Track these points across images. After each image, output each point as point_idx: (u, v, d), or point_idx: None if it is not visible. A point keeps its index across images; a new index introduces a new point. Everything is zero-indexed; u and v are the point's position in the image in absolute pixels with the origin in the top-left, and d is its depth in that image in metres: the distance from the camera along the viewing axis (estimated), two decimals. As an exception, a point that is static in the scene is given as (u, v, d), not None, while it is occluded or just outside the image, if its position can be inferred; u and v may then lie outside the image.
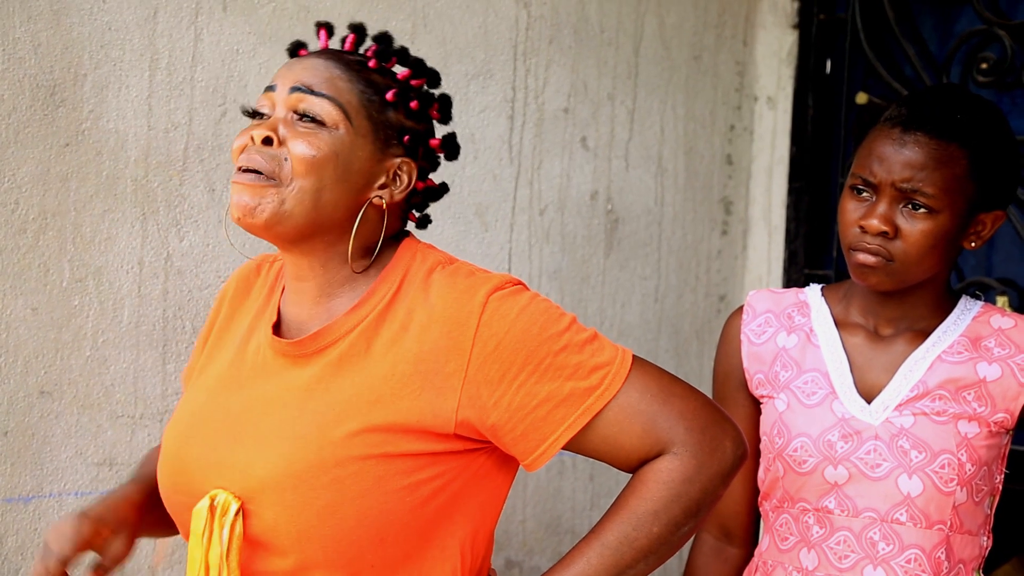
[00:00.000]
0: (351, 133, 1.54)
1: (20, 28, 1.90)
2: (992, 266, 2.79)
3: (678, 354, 2.86)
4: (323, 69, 1.55)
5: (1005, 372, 1.84)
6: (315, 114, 1.53)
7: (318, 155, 1.52)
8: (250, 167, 1.52)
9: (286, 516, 1.48)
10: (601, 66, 2.67)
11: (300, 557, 1.49)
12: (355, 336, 1.54)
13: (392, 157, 1.57)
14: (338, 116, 1.53)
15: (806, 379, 1.90)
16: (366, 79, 1.57)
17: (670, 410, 1.52)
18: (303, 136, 1.53)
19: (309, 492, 1.47)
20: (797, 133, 2.93)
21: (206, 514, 1.50)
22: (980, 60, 2.71)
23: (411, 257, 1.58)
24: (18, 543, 1.94)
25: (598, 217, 2.69)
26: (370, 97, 1.56)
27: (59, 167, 1.96)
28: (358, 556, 1.49)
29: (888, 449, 1.83)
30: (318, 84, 1.54)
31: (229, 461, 1.52)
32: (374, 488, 1.47)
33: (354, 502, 1.47)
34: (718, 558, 2.02)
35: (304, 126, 1.53)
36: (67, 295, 1.97)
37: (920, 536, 1.82)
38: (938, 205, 1.80)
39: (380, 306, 1.55)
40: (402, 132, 1.58)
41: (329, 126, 1.53)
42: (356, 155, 1.54)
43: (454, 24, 2.41)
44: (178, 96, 2.08)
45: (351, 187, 1.55)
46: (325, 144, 1.53)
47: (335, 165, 1.53)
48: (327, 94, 1.54)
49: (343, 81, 1.55)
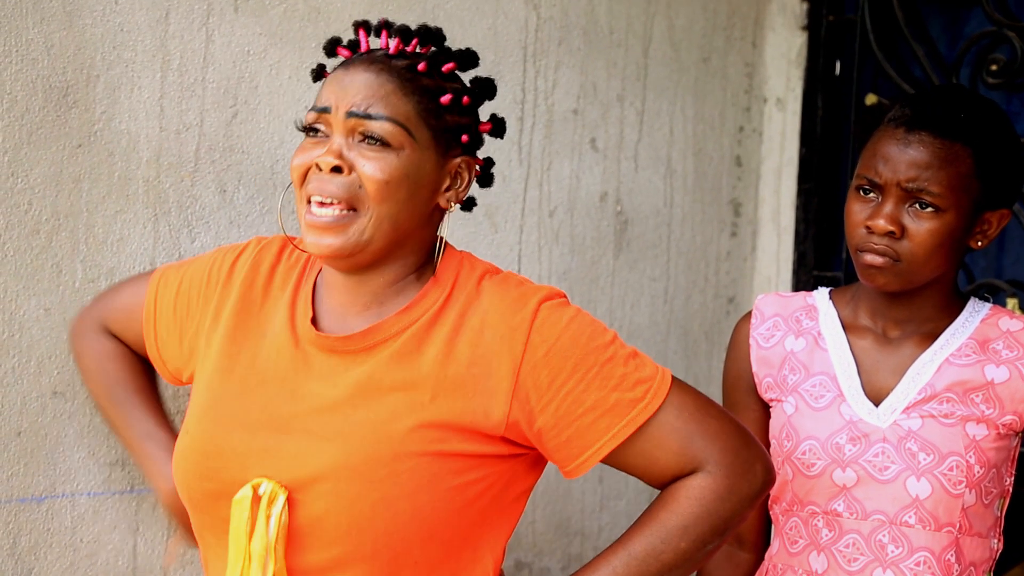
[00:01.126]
0: (416, 149, 1.54)
1: (33, 29, 1.91)
2: (1002, 268, 2.79)
3: (687, 355, 2.86)
4: (376, 87, 1.54)
5: (1013, 374, 1.84)
6: (379, 136, 1.53)
7: (390, 179, 1.52)
8: (325, 197, 1.52)
9: (339, 507, 1.49)
10: (610, 68, 2.67)
11: (346, 549, 1.50)
12: (407, 336, 1.56)
13: (453, 158, 1.59)
14: (402, 136, 1.53)
15: (814, 382, 1.91)
16: (420, 88, 1.56)
17: (706, 430, 1.55)
18: (372, 160, 1.52)
19: (366, 484, 1.49)
20: (806, 134, 2.93)
21: (249, 503, 1.50)
22: (990, 62, 2.71)
23: (458, 264, 1.61)
24: (31, 543, 1.95)
25: (607, 218, 2.69)
26: (426, 106, 1.55)
27: (72, 168, 1.97)
28: (404, 552, 1.51)
29: (896, 451, 1.83)
30: (375, 106, 1.53)
31: (276, 451, 1.53)
32: (428, 485, 1.50)
33: (409, 497, 1.49)
34: (729, 563, 2.02)
35: (371, 149, 1.53)
36: (80, 295, 1.98)
37: (929, 538, 1.82)
38: (944, 204, 1.80)
39: (433, 309, 1.57)
40: (460, 131, 1.59)
41: (395, 147, 1.53)
42: (424, 169, 1.55)
43: (464, 26, 2.42)
44: (190, 97, 2.08)
45: (422, 201, 1.57)
46: (395, 167, 1.53)
47: (408, 185, 1.54)
48: (387, 116, 1.53)
49: (398, 96, 1.54)
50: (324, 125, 1.56)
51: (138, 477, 2.04)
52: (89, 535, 2.01)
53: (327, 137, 1.55)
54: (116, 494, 2.03)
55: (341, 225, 1.52)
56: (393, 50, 1.58)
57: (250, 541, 1.50)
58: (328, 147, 1.54)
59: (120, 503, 2.04)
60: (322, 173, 1.53)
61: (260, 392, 1.58)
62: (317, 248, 1.53)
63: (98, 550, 2.02)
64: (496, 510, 1.57)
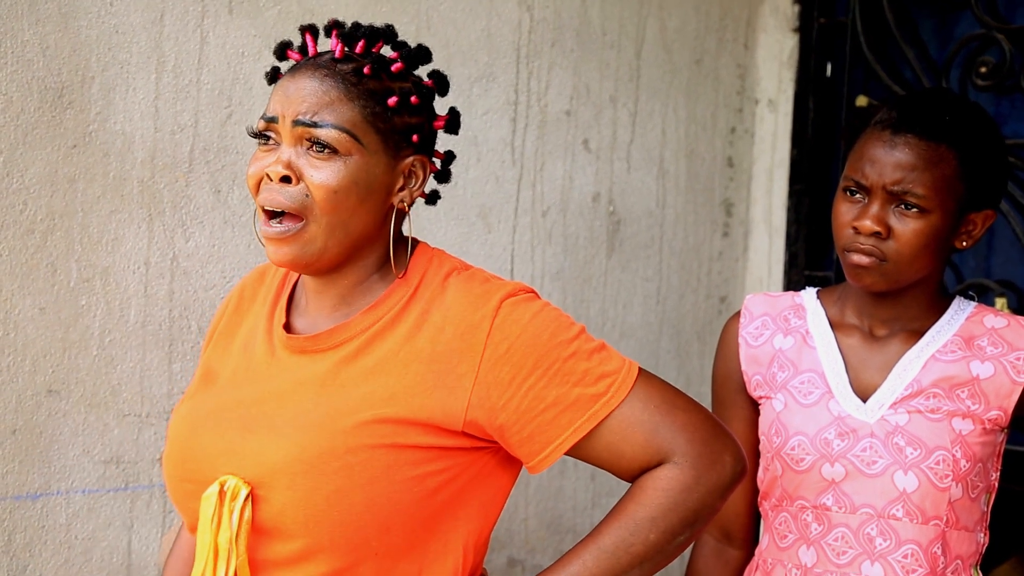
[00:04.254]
0: (364, 154, 1.54)
1: (28, 31, 1.92)
2: (991, 268, 2.81)
3: (679, 355, 2.88)
4: (321, 94, 1.53)
5: (998, 370, 1.86)
6: (326, 143, 1.53)
7: (339, 188, 1.53)
8: (275, 208, 1.53)
9: (296, 501, 1.50)
10: (603, 69, 2.68)
11: (307, 542, 1.51)
12: (371, 334, 1.57)
13: (404, 158, 1.58)
14: (349, 143, 1.53)
15: (802, 379, 1.92)
16: (366, 91, 1.55)
17: (672, 421, 1.55)
18: (320, 169, 1.53)
19: (319, 477, 1.50)
20: (798, 136, 2.95)
21: (215, 499, 1.52)
22: (979, 64, 2.72)
23: (427, 262, 1.61)
24: (26, 540, 1.96)
25: (600, 219, 2.70)
26: (373, 110, 1.54)
27: (67, 168, 1.98)
28: (363, 542, 1.52)
29: (884, 446, 1.85)
30: (320, 114, 1.52)
31: (241, 449, 1.55)
32: (382, 476, 1.50)
33: (363, 488, 1.50)
34: (719, 559, 2.03)
35: (318, 157, 1.53)
36: (74, 295, 1.99)
37: (916, 532, 1.84)
38: (929, 205, 1.82)
39: (397, 307, 1.58)
40: (410, 132, 1.58)
41: (342, 154, 1.53)
42: (373, 173, 1.55)
43: (457, 27, 2.43)
44: (184, 98, 2.10)
45: (375, 204, 1.57)
46: (343, 175, 1.53)
47: (357, 191, 1.54)
48: (332, 123, 1.52)
49: (343, 103, 1.53)
50: (274, 133, 1.56)
51: (133, 475, 2.06)
52: (84, 532, 2.02)
53: (277, 145, 1.56)
54: (111, 491, 2.04)
55: (292, 237, 1.53)
56: (339, 54, 1.57)
57: (216, 536, 1.52)
58: (277, 156, 1.54)
59: (115, 500, 2.05)
60: (272, 183, 1.54)
61: (233, 395, 1.61)
62: (275, 258, 1.55)
63: (93, 547, 2.03)
64: (463, 503, 1.57)
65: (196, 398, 1.65)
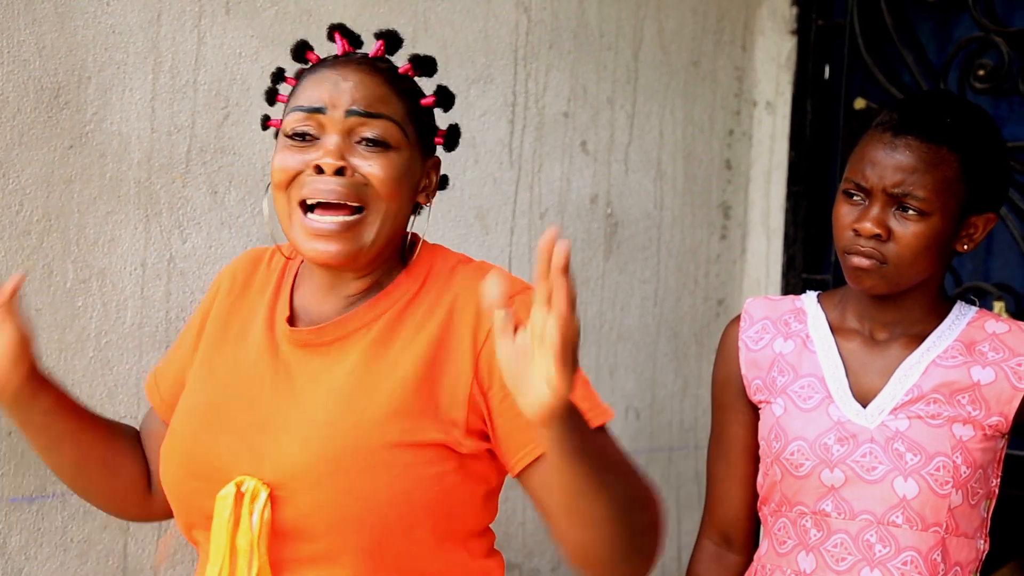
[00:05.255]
0: (409, 148, 1.57)
1: (25, 31, 1.92)
2: (989, 271, 2.80)
3: (677, 357, 2.87)
4: (372, 86, 1.55)
5: (999, 376, 1.86)
6: (381, 137, 1.54)
7: (396, 177, 1.55)
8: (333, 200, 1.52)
9: (322, 502, 1.50)
10: (601, 71, 2.68)
11: (332, 542, 1.51)
12: (380, 326, 1.57)
13: (428, 158, 1.63)
14: (400, 136, 1.56)
15: (802, 384, 1.92)
16: (406, 89, 1.59)
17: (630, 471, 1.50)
18: (375, 159, 1.54)
19: (345, 478, 1.49)
20: (796, 138, 2.95)
21: (232, 500, 1.51)
22: (977, 67, 2.72)
23: (433, 255, 1.63)
24: (21, 542, 1.95)
25: (598, 221, 2.70)
26: (412, 108, 1.59)
27: (63, 169, 1.97)
28: (388, 543, 1.52)
29: (883, 452, 1.84)
30: (374, 105, 1.54)
31: (258, 449, 1.54)
32: (404, 474, 1.50)
33: (388, 487, 1.50)
34: (719, 564, 2.03)
35: (370, 150, 1.54)
36: (71, 296, 1.99)
37: (916, 538, 1.83)
38: (929, 208, 1.82)
39: (406, 297, 1.59)
40: (435, 133, 1.64)
41: (395, 146, 1.55)
42: (413, 167, 1.59)
43: (455, 28, 2.43)
44: (181, 99, 2.09)
45: (412, 199, 1.60)
46: (398, 165, 1.55)
47: (407, 184, 1.57)
48: (386, 115, 1.55)
49: (392, 97, 1.57)
50: (314, 126, 1.55)
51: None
52: (80, 535, 2.01)
53: (315, 139, 1.55)
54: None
55: (348, 231, 1.53)
56: (377, 53, 1.61)
57: (234, 537, 1.51)
58: (324, 148, 1.53)
59: (110, 503, 2.04)
60: (322, 176, 1.53)
61: (241, 391, 1.60)
62: (317, 254, 1.53)
63: (88, 550, 2.02)
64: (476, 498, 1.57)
65: (201, 392, 1.64)
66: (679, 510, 2.88)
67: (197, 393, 1.64)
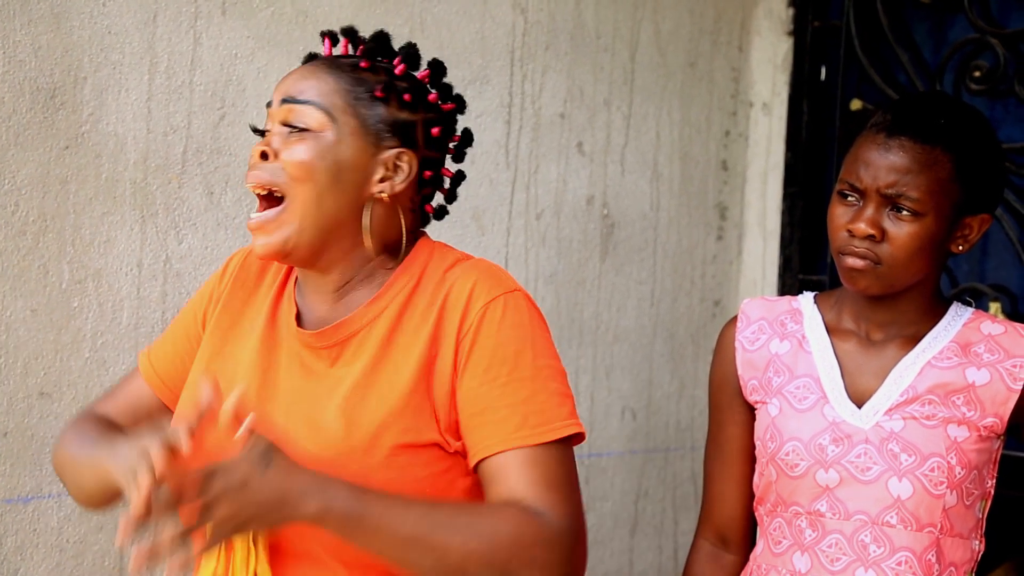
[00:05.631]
0: (338, 133, 1.57)
1: (21, 31, 1.92)
2: (985, 272, 2.81)
3: (673, 358, 2.87)
4: (310, 75, 1.59)
5: (994, 377, 1.86)
6: (302, 123, 1.57)
7: (307, 160, 1.55)
8: (253, 183, 1.57)
9: None
10: (597, 72, 2.68)
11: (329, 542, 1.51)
12: (379, 328, 1.57)
13: (387, 150, 1.60)
14: (323, 119, 1.57)
15: (798, 384, 1.92)
16: (354, 78, 1.59)
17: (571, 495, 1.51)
18: (294, 144, 1.56)
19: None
20: (792, 139, 2.95)
21: None
22: (973, 68, 2.73)
23: (429, 253, 1.63)
24: (17, 543, 1.95)
25: (594, 222, 2.70)
26: (357, 95, 1.58)
27: (59, 170, 1.97)
28: None
29: (878, 452, 1.84)
30: (303, 92, 1.58)
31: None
32: (400, 477, 1.51)
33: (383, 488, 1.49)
34: (715, 564, 2.03)
35: (294, 135, 1.57)
36: (66, 297, 1.99)
37: (910, 538, 1.84)
38: (923, 208, 1.82)
39: (400, 297, 1.59)
40: (395, 124, 1.60)
41: (316, 131, 1.57)
42: (345, 154, 1.57)
43: (451, 30, 2.43)
44: (177, 100, 2.09)
45: (348, 186, 1.58)
46: (313, 149, 1.56)
47: (326, 167, 1.56)
48: (310, 100, 1.57)
49: (328, 84, 1.58)
50: (269, 124, 1.61)
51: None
52: (75, 536, 2.01)
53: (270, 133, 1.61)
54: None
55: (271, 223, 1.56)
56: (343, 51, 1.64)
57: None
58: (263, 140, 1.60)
59: (106, 504, 2.04)
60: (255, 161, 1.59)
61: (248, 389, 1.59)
62: (258, 250, 1.57)
63: (84, 551, 2.02)
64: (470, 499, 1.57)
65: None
66: (676, 511, 2.88)
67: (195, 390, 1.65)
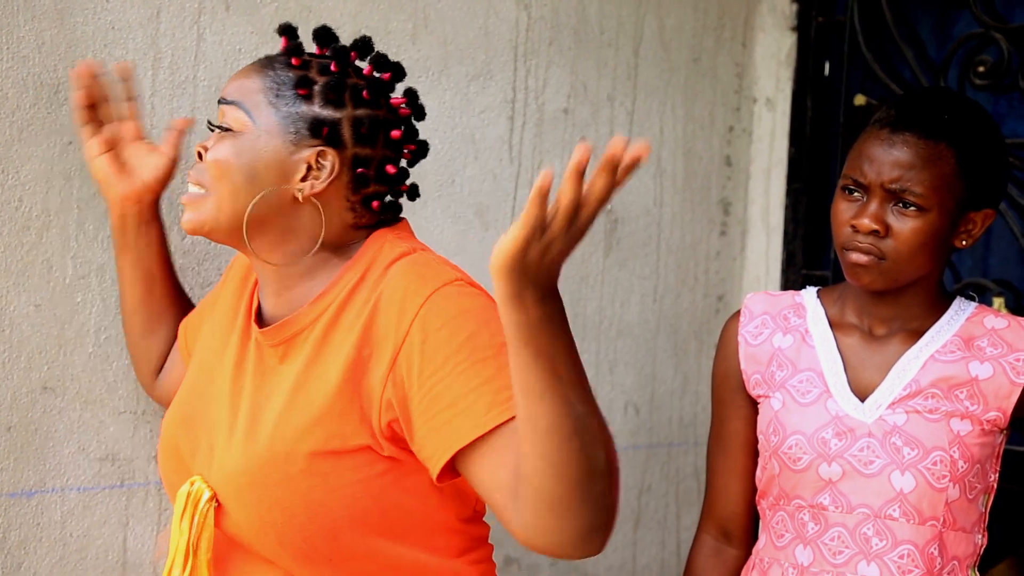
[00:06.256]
0: (254, 132, 1.58)
1: (24, 27, 1.92)
2: (988, 267, 2.80)
3: (676, 354, 2.87)
4: (242, 75, 1.61)
5: (997, 371, 1.86)
6: (225, 123, 1.59)
7: (223, 159, 1.57)
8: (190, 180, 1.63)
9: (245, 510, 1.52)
10: (601, 67, 2.68)
11: (263, 548, 1.53)
12: (320, 327, 1.55)
13: (306, 148, 1.57)
14: (243, 119, 1.58)
15: (801, 378, 1.92)
16: (275, 76, 1.59)
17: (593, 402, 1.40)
18: (216, 144, 1.59)
19: (262, 488, 1.50)
20: (796, 135, 2.95)
21: (184, 499, 1.55)
22: (977, 63, 2.72)
23: (378, 248, 1.59)
24: (21, 537, 1.96)
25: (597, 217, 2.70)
26: (277, 92, 1.58)
27: (62, 165, 1.97)
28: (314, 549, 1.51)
29: (881, 446, 1.85)
30: (231, 92, 1.60)
31: (205, 450, 1.58)
32: (322, 484, 1.48)
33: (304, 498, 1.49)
34: (717, 558, 2.03)
35: (218, 136, 1.60)
36: (70, 292, 1.99)
37: (913, 532, 1.84)
38: (927, 204, 1.82)
39: (342, 295, 1.56)
40: (317, 122, 1.58)
41: (237, 131, 1.58)
42: (261, 152, 1.57)
43: (455, 25, 2.43)
44: (180, 95, 2.09)
45: (265, 184, 1.57)
46: (228, 148, 1.58)
47: (239, 165, 1.57)
48: (234, 100, 1.59)
49: (253, 83, 1.59)
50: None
51: (128, 472, 2.05)
52: (79, 530, 2.01)
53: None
54: (106, 489, 2.04)
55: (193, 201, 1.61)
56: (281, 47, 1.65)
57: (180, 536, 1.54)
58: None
59: (110, 498, 2.04)
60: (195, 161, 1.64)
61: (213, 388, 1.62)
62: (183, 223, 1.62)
63: (88, 545, 2.02)
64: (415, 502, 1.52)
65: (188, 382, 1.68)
66: (678, 506, 2.88)
67: (185, 385, 1.69)
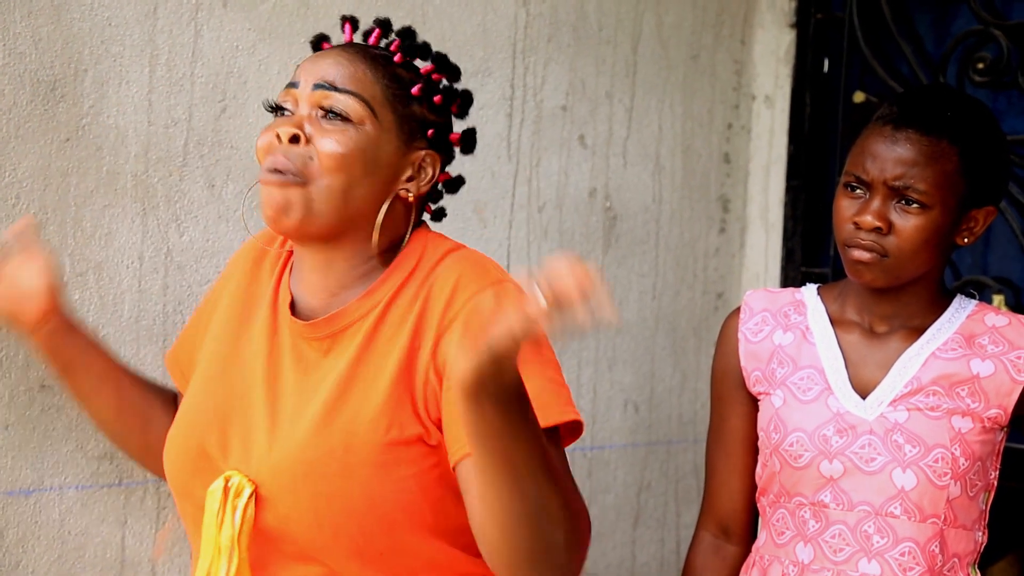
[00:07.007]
0: (377, 128, 1.55)
1: (21, 23, 1.91)
2: (988, 265, 2.80)
3: (675, 351, 2.87)
4: (347, 64, 1.56)
5: (998, 368, 1.86)
6: (340, 110, 1.54)
7: (346, 152, 1.53)
8: (277, 167, 1.52)
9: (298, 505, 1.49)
10: (599, 64, 2.68)
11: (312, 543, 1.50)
12: (370, 321, 1.55)
13: (417, 150, 1.59)
14: (363, 112, 1.54)
15: (802, 375, 1.92)
16: (391, 73, 1.58)
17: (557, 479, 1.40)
18: (330, 133, 1.53)
19: (321, 482, 1.48)
20: (795, 132, 2.94)
21: (220, 495, 1.51)
22: (976, 60, 2.72)
23: (423, 246, 1.60)
24: (19, 536, 1.95)
25: (596, 214, 2.70)
26: (395, 91, 1.57)
27: (59, 162, 1.97)
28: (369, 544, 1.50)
29: (882, 443, 1.84)
30: (342, 80, 1.55)
31: (248, 445, 1.54)
32: (382, 476, 1.48)
33: (364, 491, 1.48)
34: (716, 555, 2.03)
35: (330, 123, 1.54)
36: (68, 290, 1.98)
37: (914, 529, 1.84)
38: (930, 201, 1.82)
39: (392, 290, 1.56)
40: (426, 125, 1.60)
41: (355, 122, 1.54)
42: (383, 150, 1.56)
43: (453, 22, 2.42)
44: (178, 92, 2.09)
45: (379, 181, 1.56)
46: (352, 140, 1.53)
47: (363, 161, 1.54)
48: (351, 90, 1.54)
49: (368, 75, 1.56)
50: (291, 102, 1.57)
51: (126, 470, 2.05)
52: (77, 528, 2.01)
53: (292, 114, 1.57)
54: (104, 487, 2.03)
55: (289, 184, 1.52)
56: (373, 40, 1.63)
57: (219, 532, 1.51)
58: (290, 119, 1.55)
59: (108, 496, 2.04)
60: (279, 144, 1.54)
61: (241, 382, 1.59)
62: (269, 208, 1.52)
63: (86, 543, 2.02)
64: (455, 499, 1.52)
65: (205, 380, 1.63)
66: (678, 503, 2.88)
67: (201, 381, 1.64)
